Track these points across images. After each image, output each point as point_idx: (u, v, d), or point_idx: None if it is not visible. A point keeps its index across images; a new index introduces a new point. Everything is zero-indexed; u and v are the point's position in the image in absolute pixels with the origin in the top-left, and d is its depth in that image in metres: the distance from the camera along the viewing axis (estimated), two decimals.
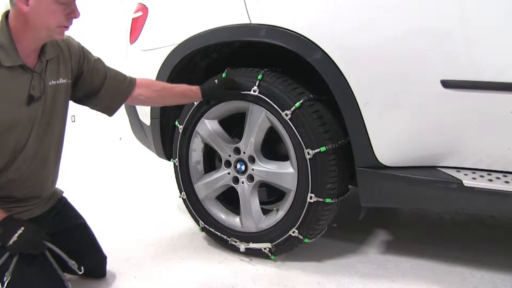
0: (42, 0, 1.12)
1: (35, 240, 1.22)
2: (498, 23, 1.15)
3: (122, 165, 3.35)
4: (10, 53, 1.15)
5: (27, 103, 1.21)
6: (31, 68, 1.21)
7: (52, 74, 1.28)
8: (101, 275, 1.48)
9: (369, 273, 1.51)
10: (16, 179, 1.26)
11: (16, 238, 1.17)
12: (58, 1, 1.13)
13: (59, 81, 1.30)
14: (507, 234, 1.89)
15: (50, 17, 1.14)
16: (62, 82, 1.31)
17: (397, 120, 1.30)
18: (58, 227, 1.40)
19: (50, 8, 1.13)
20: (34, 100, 1.23)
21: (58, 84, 1.30)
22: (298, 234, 1.50)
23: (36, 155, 1.29)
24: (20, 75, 1.20)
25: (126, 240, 1.83)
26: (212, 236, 1.74)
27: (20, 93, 1.20)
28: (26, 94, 1.21)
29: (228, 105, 1.60)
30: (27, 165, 1.27)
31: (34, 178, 1.32)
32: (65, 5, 1.15)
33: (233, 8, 1.49)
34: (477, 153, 1.28)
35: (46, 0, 1.12)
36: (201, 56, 1.76)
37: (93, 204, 2.29)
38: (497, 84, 1.16)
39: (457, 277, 1.47)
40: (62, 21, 1.17)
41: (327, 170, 1.42)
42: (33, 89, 1.22)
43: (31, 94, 1.21)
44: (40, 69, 1.24)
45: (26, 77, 1.21)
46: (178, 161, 1.77)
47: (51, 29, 1.17)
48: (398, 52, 1.25)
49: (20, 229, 1.18)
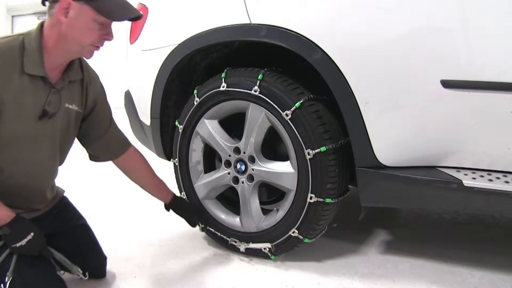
0: (81, 15, 1.12)
1: (42, 247, 1.22)
2: (498, 23, 1.15)
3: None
4: (36, 62, 1.15)
5: (39, 117, 1.19)
6: (52, 83, 1.20)
7: (68, 97, 1.27)
8: (101, 276, 1.48)
9: (369, 273, 1.51)
10: (15, 190, 1.24)
11: (24, 243, 1.16)
12: (96, 20, 1.14)
13: (73, 107, 1.29)
14: (507, 234, 1.90)
15: (86, 34, 1.15)
16: (75, 109, 1.30)
17: (397, 120, 1.30)
18: (59, 227, 1.40)
19: (87, 24, 1.14)
20: (46, 116, 1.20)
21: (71, 109, 1.29)
22: (298, 234, 1.50)
23: (38, 173, 1.28)
24: (39, 87, 1.18)
25: (126, 240, 1.83)
26: (212, 236, 1.74)
27: (35, 105, 1.18)
28: (41, 108, 1.19)
29: (228, 105, 1.60)
30: (27, 180, 1.25)
31: (33, 193, 1.30)
32: (102, 26, 1.16)
33: (233, 8, 1.49)
34: (477, 153, 1.28)
35: (85, 16, 1.13)
36: (201, 56, 1.76)
37: (93, 204, 2.29)
38: (497, 84, 1.16)
39: (457, 277, 1.47)
40: (96, 41, 1.17)
41: (327, 170, 1.42)
42: (48, 105, 1.20)
43: (45, 109, 1.19)
44: (60, 86, 1.23)
45: (45, 90, 1.19)
46: (178, 161, 1.77)
47: (83, 46, 1.17)
48: (398, 52, 1.25)
49: (29, 234, 1.17)
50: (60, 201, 1.46)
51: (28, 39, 1.16)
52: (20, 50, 1.14)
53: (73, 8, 1.12)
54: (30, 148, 1.21)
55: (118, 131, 1.47)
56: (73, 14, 1.12)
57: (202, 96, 1.62)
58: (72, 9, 1.12)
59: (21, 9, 6.34)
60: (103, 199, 2.46)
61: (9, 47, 1.14)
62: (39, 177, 1.29)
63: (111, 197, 2.51)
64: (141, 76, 1.85)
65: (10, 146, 1.17)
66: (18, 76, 1.13)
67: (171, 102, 1.83)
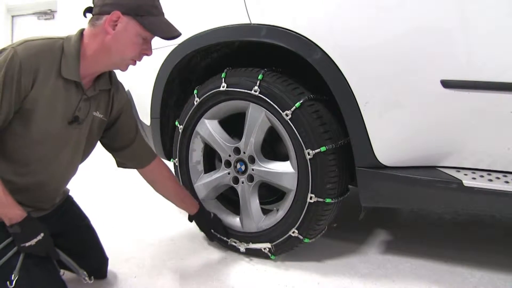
0: (128, 29, 1.16)
1: (51, 248, 1.22)
2: (498, 23, 1.15)
3: None
4: (72, 67, 1.17)
5: (69, 122, 1.22)
6: (84, 90, 1.23)
7: (97, 106, 1.30)
8: (102, 276, 1.48)
9: (369, 273, 1.51)
10: (33, 189, 1.25)
11: (34, 243, 1.16)
12: (141, 35, 1.18)
13: (97, 114, 1.32)
14: (507, 234, 1.90)
15: (129, 48, 1.19)
16: (99, 116, 1.33)
17: (397, 120, 1.30)
18: (63, 226, 1.40)
19: (132, 39, 1.18)
20: (76, 122, 1.23)
21: (96, 117, 1.31)
22: (298, 234, 1.50)
23: (59, 175, 1.30)
24: (72, 92, 1.21)
25: (126, 240, 1.83)
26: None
27: (66, 109, 1.21)
28: (71, 113, 1.22)
29: (228, 105, 1.60)
30: (48, 182, 1.27)
31: (48, 195, 1.32)
32: (144, 41, 1.20)
33: (233, 8, 1.49)
34: (477, 153, 1.28)
35: (131, 31, 1.16)
36: (201, 56, 1.76)
37: (93, 204, 2.28)
38: (497, 84, 1.16)
39: (457, 277, 1.47)
40: (136, 55, 1.22)
41: (327, 170, 1.42)
42: (79, 111, 1.23)
43: (76, 115, 1.22)
44: (91, 95, 1.25)
45: (77, 96, 1.22)
46: (178, 161, 1.77)
47: (124, 59, 1.21)
48: (398, 52, 1.25)
49: (39, 235, 1.17)
50: (65, 200, 1.46)
51: (67, 44, 1.19)
52: (59, 53, 1.17)
53: (121, 22, 1.15)
54: (55, 149, 1.24)
55: (143, 142, 1.49)
56: (121, 27, 1.16)
57: (202, 96, 1.62)
58: (120, 22, 1.15)
59: (21, 9, 6.34)
60: (103, 199, 2.46)
61: (50, 48, 1.16)
62: (58, 178, 1.31)
63: (111, 197, 2.51)
64: (141, 76, 1.85)
65: (38, 144, 1.20)
66: (54, 78, 1.16)
67: (171, 102, 1.83)
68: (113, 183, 2.80)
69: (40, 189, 1.27)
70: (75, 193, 1.53)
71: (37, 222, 1.21)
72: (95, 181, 2.88)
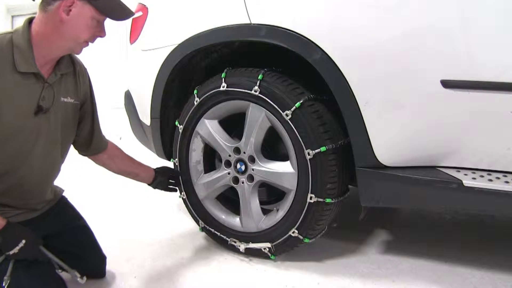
0: (83, 13, 1.16)
1: (36, 253, 1.23)
2: (498, 23, 1.15)
3: None
4: (27, 59, 1.16)
5: (35, 113, 1.21)
6: (44, 78, 1.21)
7: (64, 91, 1.30)
8: (101, 275, 1.48)
9: (369, 273, 1.51)
10: (16, 187, 1.25)
11: (17, 251, 1.16)
12: (95, 18, 1.18)
13: (68, 100, 1.31)
14: (507, 234, 1.90)
15: (84, 31, 1.18)
16: (71, 102, 1.33)
17: (397, 120, 1.30)
18: (58, 227, 1.40)
19: (87, 23, 1.18)
20: (42, 111, 1.22)
21: (67, 102, 1.31)
22: (298, 234, 1.50)
23: (39, 168, 1.28)
24: (32, 84, 1.20)
25: (126, 240, 1.83)
26: (212, 236, 1.74)
27: (29, 101, 1.20)
28: (35, 104, 1.21)
29: (228, 105, 1.60)
30: (29, 176, 1.26)
31: (34, 190, 1.31)
32: (98, 23, 1.20)
33: (233, 8, 1.49)
34: (477, 153, 1.28)
35: (86, 15, 1.17)
36: (201, 56, 1.76)
37: (93, 204, 2.29)
38: (497, 84, 1.16)
39: (457, 277, 1.47)
40: (91, 38, 1.21)
41: (327, 170, 1.42)
42: (42, 100, 1.22)
43: (40, 105, 1.21)
44: (53, 81, 1.24)
45: (38, 86, 1.21)
46: (178, 161, 1.77)
47: (78, 42, 1.20)
48: (398, 52, 1.25)
49: (21, 242, 1.17)
50: (59, 201, 1.46)
51: (16, 37, 1.17)
52: (9, 48, 1.15)
53: (75, 6, 1.15)
54: (28, 142, 1.23)
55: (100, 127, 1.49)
56: (75, 12, 1.15)
57: (202, 96, 1.62)
58: (74, 7, 1.15)
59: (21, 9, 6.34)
60: (103, 199, 2.46)
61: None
62: (39, 170, 1.29)
63: (111, 197, 2.51)
64: (141, 76, 1.85)
65: (9, 141, 1.19)
66: (10, 75, 1.15)
67: (171, 102, 1.83)
68: (113, 183, 2.80)
69: (24, 185, 1.26)
70: (75, 193, 1.53)
71: (19, 228, 1.20)
72: (95, 181, 2.88)
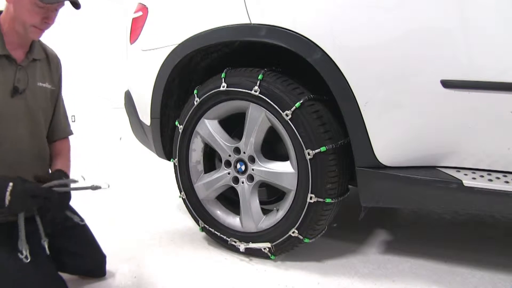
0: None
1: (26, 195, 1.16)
2: (498, 23, 1.15)
3: (122, 165, 3.35)
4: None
5: (11, 95, 1.26)
6: (17, 61, 1.27)
7: (41, 77, 1.35)
8: (100, 275, 1.48)
9: (369, 273, 1.51)
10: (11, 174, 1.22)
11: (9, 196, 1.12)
12: (35, 3, 1.20)
13: (46, 85, 1.37)
14: (507, 234, 1.90)
15: (26, 15, 1.22)
16: (49, 87, 1.38)
17: (397, 120, 1.30)
18: (57, 227, 1.40)
19: (27, 6, 1.21)
20: (18, 93, 1.27)
21: (46, 87, 1.37)
22: (298, 234, 1.50)
23: (29, 151, 1.31)
24: (5, 66, 1.26)
25: (126, 240, 1.83)
26: (212, 236, 1.74)
27: (5, 84, 1.25)
28: (11, 86, 1.26)
29: (228, 105, 1.60)
30: (20, 161, 1.28)
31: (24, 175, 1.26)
32: (42, 9, 1.22)
33: (233, 8, 1.49)
34: (477, 153, 1.28)
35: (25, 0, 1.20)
36: (201, 56, 1.76)
37: (93, 204, 2.29)
38: (497, 84, 1.16)
39: (457, 277, 1.47)
40: (37, 23, 1.24)
41: (327, 170, 1.42)
42: (17, 82, 1.27)
43: (15, 86, 1.26)
44: (26, 64, 1.30)
45: (11, 69, 1.27)
46: (178, 161, 1.77)
47: (25, 27, 1.23)
48: (398, 52, 1.25)
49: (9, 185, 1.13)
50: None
51: None
52: None
53: None
54: (11, 125, 1.26)
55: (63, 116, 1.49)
56: None
57: (202, 96, 1.62)
58: None
59: None
60: (103, 199, 2.46)
61: None
62: (28, 154, 1.31)
63: (111, 197, 2.51)
64: (141, 76, 1.85)
65: None
66: None
67: (171, 102, 1.83)
68: (113, 183, 2.80)
69: (18, 171, 1.25)
70: (75, 193, 1.53)
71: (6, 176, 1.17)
72: (95, 181, 2.88)
